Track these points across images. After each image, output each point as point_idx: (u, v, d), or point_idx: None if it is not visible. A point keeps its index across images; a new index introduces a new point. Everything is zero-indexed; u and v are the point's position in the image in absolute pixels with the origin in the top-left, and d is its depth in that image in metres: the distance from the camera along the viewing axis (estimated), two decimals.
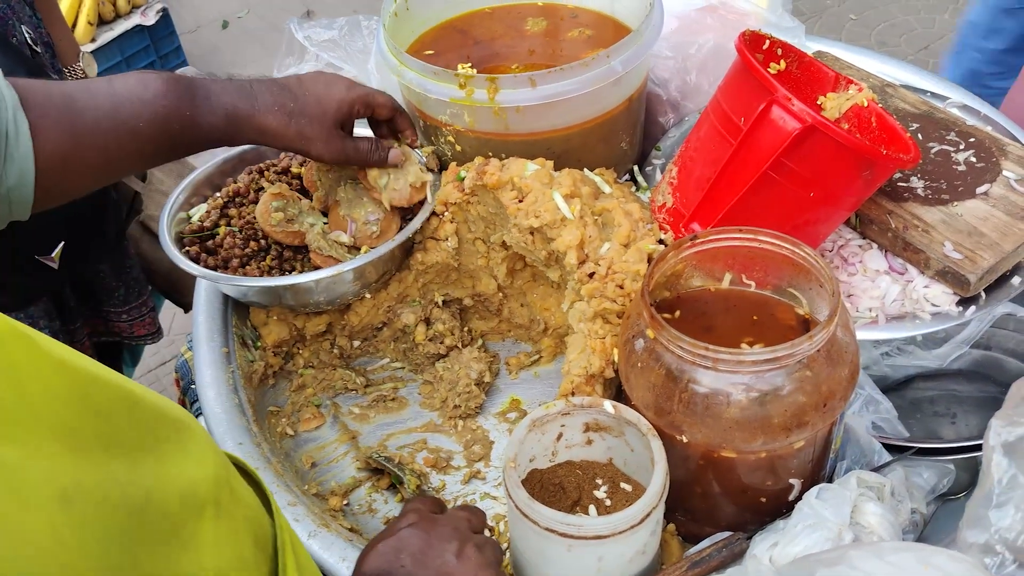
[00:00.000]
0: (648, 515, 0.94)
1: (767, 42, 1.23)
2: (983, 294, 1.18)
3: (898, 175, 1.28)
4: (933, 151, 1.31)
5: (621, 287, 1.13)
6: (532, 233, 1.20)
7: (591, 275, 1.14)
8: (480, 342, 1.41)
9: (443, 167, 1.36)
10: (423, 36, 1.50)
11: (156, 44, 3.73)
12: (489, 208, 1.26)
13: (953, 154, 1.30)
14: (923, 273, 1.20)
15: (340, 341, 1.40)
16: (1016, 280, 1.19)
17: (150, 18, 3.63)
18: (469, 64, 1.31)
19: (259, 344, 1.36)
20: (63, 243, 1.57)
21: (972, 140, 1.32)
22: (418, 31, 1.49)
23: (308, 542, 1.07)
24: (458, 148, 1.35)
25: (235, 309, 1.38)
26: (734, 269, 1.12)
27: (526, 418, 1.03)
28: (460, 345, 1.38)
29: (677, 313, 1.11)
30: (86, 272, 1.83)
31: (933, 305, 1.18)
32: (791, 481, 1.02)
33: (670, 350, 0.97)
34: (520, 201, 1.20)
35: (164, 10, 3.68)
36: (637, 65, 1.29)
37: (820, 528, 0.95)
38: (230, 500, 0.66)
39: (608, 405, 1.03)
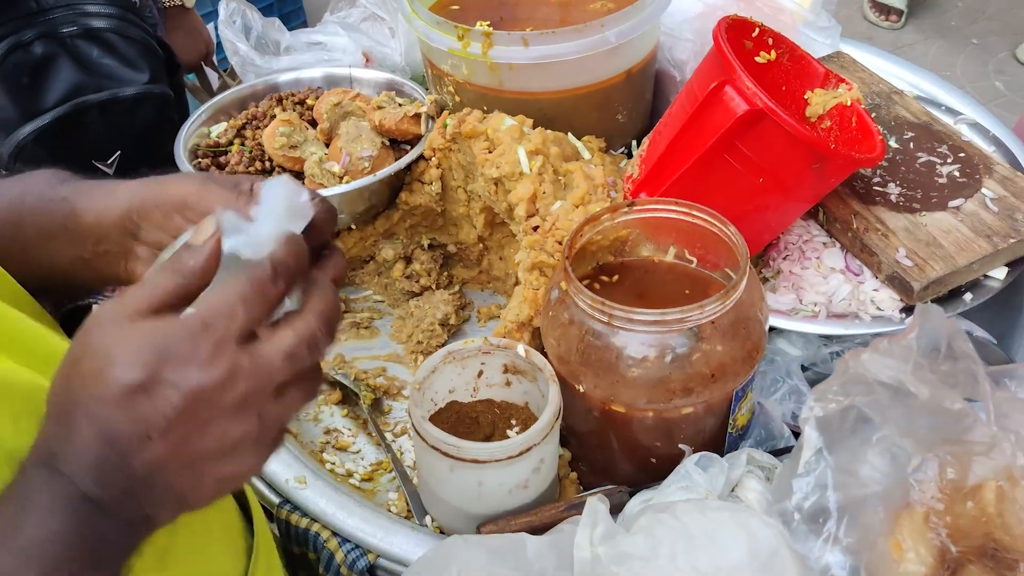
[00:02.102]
0: (527, 450, 0.99)
1: (756, 30, 1.25)
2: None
3: (876, 179, 1.28)
4: (920, 161, 1.30)
5: (560, 243, 1.17)
6: (496, 184, 1.26)
7: (535, 228, 1.19)
8: (458, 288, 1.48)
9: None
10: None
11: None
12: (467, 157, 1.33)
13: (939, 166, 1.29)
14: (876, 277, 1.20)
15: None
16: (968, 296, 1.18)
17: None
18: (488, 23, 1.37)
19: None
20: (119, 152, 1.72)
21: (961, 155, 1.30)
22: None
23: None
24: (458, 99, 1.41)
25: None
26: (678, 244, 1.16)
27: (443, 348, 1.10)
28: (435, 287, 1.45)
29: (615, 277, 1.16)
30: None
31: (878, 309, 1.18)
32: (682, 447, 1.06)
33: (575, 302, 1.01)
34: (490, 152, 1.26)
35: None
36: (635, 38, 1.32)
37: (691, 492, 0.98)
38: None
39: (520, 348, 1.09)
